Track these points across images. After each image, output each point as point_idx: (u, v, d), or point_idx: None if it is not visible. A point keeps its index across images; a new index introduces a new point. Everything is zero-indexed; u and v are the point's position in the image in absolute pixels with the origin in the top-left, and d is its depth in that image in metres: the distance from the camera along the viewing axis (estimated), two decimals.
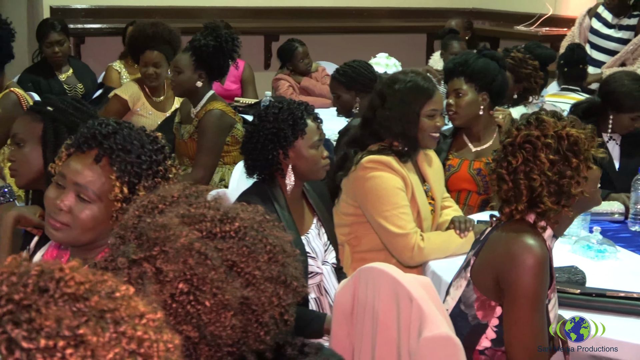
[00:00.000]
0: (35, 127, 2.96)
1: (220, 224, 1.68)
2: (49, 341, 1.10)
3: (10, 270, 1.20)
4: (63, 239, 2.36)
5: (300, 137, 3.44)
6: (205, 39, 5.11)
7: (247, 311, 1.64)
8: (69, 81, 6.86)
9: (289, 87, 7.54)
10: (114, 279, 1.22)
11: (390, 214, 3.69)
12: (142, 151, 2.32)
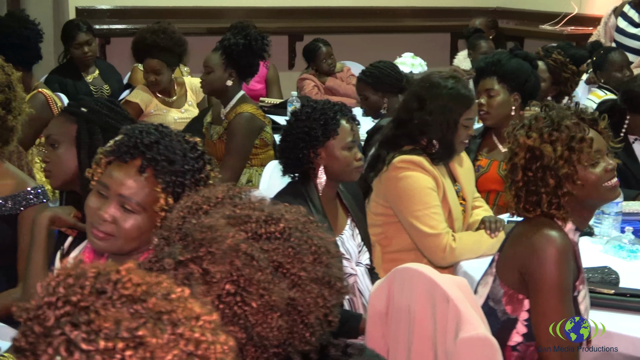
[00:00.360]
0: (69, 129, 2.97)
1: (265, 225, 1.69)
2: (108, 343, 1.10)
3: (66, 272, 1.20)
4: (107, 248, 2.33)
5: (331, 138, 3.45)
6: (235, 38, 5.13)
7: (293, 312, 1.64)
8: (95, 82, 6.88)
9: (313, 87, 7.54)
10: (169, 280, 1.22)
11: (422, 214, 3.68)
12: (185, 160, 2.30)
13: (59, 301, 1.16)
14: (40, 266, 2.84)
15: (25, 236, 3.28)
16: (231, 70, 5.14)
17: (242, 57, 5.12)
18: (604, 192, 2.75)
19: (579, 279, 2.79)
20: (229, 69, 5.14)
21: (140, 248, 2.33)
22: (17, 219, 3.32)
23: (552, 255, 2.65)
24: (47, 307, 1.17)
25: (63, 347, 1.11)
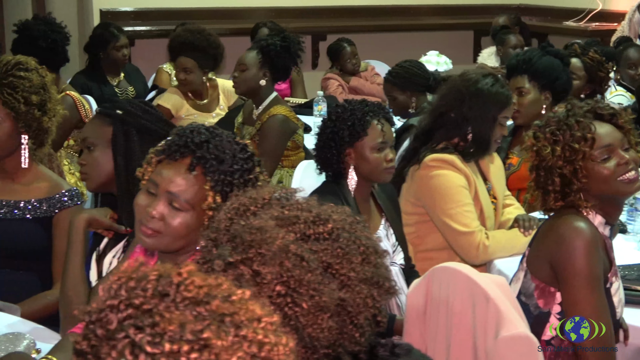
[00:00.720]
0: (105, 131, 2.97)
1: (313, 226, 1.68)
2: (174, 345, 1.10)
3: (127, 274, 1.20)
4: (154, 245, 2.34)
5: (360, 139, 3.45)
6: (273, 39, 5.16)
7: (343, 313, 1.64)
8: (120, 85, 6.91)
9: (338, 86, 7.54)
10: (228, 282, 1.22)
11: (454, 212, 3.68)
12: (235, 160, 2.30)
13: (121, 304, 1.16)
14: (78, 268, 2.85)
15: (60, 238, 3.30)
16: (266, 70, 5.16)
17: (278, 58, 5.15)
18: (619, 186, 2.76)
19: (611, 271, 2.80)
20: (264, 68, 5.16)
21: (188, 247, 2.34)
22: (52, 221, 3.34)
23: (580, 246, 2.67)
24: (110, 310, 1.17)
25: (128, 350, 1.11)
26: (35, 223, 3.33)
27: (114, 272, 1.22)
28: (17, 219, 3.33)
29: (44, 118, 3.33)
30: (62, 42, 5.78)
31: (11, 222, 3.32)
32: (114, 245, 3.02)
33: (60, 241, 3.30)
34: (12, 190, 3.37)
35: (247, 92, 5.37)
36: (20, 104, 3.26)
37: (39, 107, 3.30)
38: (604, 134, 2.76)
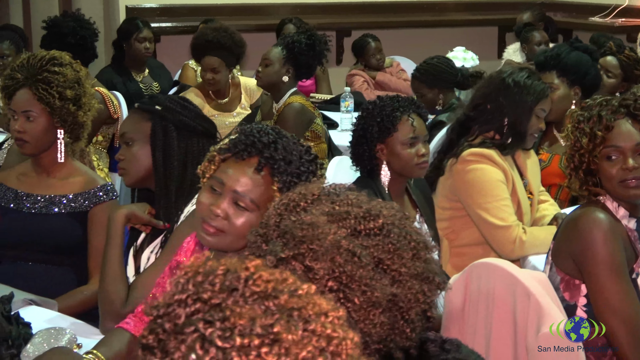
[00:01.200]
0: (143, 126, 2.99)
1: (364, 221, 1.68)
2: (244, 339, 1.10)
3: (194, 269, 1.20)
4: (216, 244, 2.32)
5: (389, 135, 3.45)
6: (299, 36, 5.16)
7: (394, 308, 1.64)
8: (145, 81, 6.93)
9: (363, 82, 7.54)
10: (293, 277, 1.22)
11: (491, 206, 3.68)
12: (301, 162, 2.29)
13: (189, 298, 1.16)
14: (117, 263, 2.86)
15: (95, 233, 3.32)
16: (289, 67, 5.17)
17: (302, 56, 5.16)
18: (619, 189, 2.80)
19: (637, 262, 2.81)
20: (287, 65, 5.17)
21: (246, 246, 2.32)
22: (87, 216, 3.35)
23: (598, 236, 2.70)
24: (178, 304, 1.17)
25: (198, 344, 1.11)
26: (71, 218, 3.34)
27: (181, 267, 1.22)
28: (53, 213, 3.34)
29: (79, 112, 3.34)
30: (91, 38, 5.81)
31: (47, 217, 3.34)
32: (152, 240, 3.03)
33: (95, 236, 3.31)
34: (48, 185, 3.39)
35: (268, 87, 5.38)
36: (55, 99, 3.27)
37: (74, 102, 3.31)
38: (619, 134, 2.78)
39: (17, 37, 6.21)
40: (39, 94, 3.26)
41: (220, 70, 6.06)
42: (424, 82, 5.43)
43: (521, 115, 3.78)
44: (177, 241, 2.76)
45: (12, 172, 3.49)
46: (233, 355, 1.10)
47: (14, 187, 3.40)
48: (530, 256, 3.62)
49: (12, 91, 3.33)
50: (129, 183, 3.05)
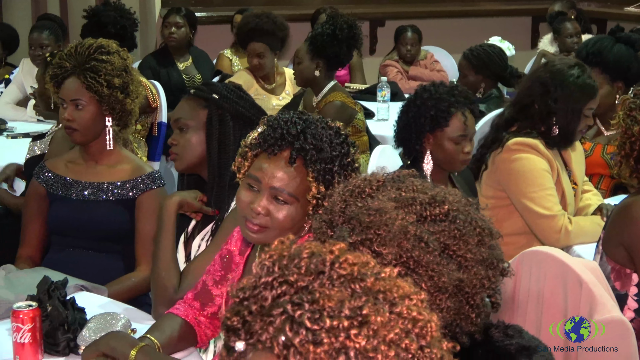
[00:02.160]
0: (199, 114, 3.01)
1: (429, 207, 1.70)
2: (334, 321, 1.12)
3: (279, 252, 1.22)
4: (261, 240, 2.34)
5: (440, 128, 3.46)
6: (322, 28, 5.14)
7: (460, 294, 1.66)
8: (187, 70, 6.96)
9: (397, 72, 7.52)
10: (373, 260, 1.24)
11: (537, 195, 3.67)
12: (332, 147, 2.29)
13: (275, 281, 1.18)
14: (169, 250, 2.89)
15: (143, 221, 3.35)
16: (318, 61, 5.16)
17: (327, 47, 5.13)
18: None
19: None
20: (316, 59, 5.16)
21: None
22: (135, 203, 3.37)
23: None
24: (263, 287, 1.19)
25: (287, 325, 1.13)
26: (119, 205, 3.37)
27: (266, 250, 1.24)
28: (101, 200, 3.37)
29: (127, 100, 3.36)
30: (131, 28, 5.86)
31: (95, 204, 3.37)
32: (202, 228, 3.06)
33: (143, 223, 3.34)
34: (96, 172, 3.42)
35: (304, 84, 5.42)
36: (103, 87, 3.29)
37: (122, 90, 3.34)
38: None
39: (56, 27, 6.26)
40: (87, 83, 3.29)
41: (265, 55, 6.12)
42: (472, 65, 5.40)
43: (570, 116, 3.74)
44: (228, 229, 2.79)
45: (61, 160, 3.52)
46: (323, 337, 1.11)
47: (62, 175, 3.44)
48: (574, 246, 3.61)
49: (60, 80, 3.36)
50: (180, 168, 3.07)
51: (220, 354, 1.26)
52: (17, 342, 2.47)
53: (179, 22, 6.92)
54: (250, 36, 6.15)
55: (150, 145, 5.57)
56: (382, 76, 7.14)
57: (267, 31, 6.12)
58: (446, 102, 3.44)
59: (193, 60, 7.03)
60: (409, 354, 1.14)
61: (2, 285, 2.86)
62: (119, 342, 2.39)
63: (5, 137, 5.57)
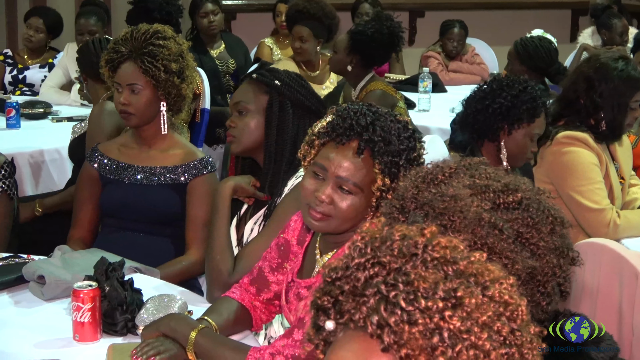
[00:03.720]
0: (260, 99, 3.03)
1: (503, 195, 1.71)
2: (428, 302, 1.14)
3: (371, 234, 1.24)
4: (323, 228, 2.37)
5: (526, 123, 3.49)
6: (365, 27, 5.14)
7: (532, 281, 1.67)
8: (220, 56, 6.97)
9: (438, 64, 7.52)
10: (462, 244, 1.25)
11: (585, 189, 3.67)
12: (400, 140, 2.30)
13: (367, 262, 1.20)
14: (224, 234, 2.92)
15: (194, 205, 3.38)
16: (353, 57, 5.16)
17: (365, 46, 5.12)
18: None
19: None
20: (352, 54, 5.16)
21: (353, 228, 2.35)
22: (187, 188, 3.40)
23: None
24: (356, 267, 1.21)
25: (382, 306, 1.15)
26: (171, 189, 3.41)
27: (358, 232, 1.26)
28: (153, 184, 3.41)
29: (183, 85, 3.39)
30: (176, 14, 5.89)
31: (148, 188, 3.41)
32: (254, 212, 3.09)
33: (193, 208, 3.37)
34: (149, 156, 3.45)
35: (338, 73, 5.43)
36: (160, 72, 3.32)
37: (178, 75, 3.37)
38: None
39: (102, 13, 6.31)
40: (144, 67, 3.32)
41: (308, 40, 6.14)
42: (518, 55, 5.39)
43: (617, 110, 3.73)
44: (283, 215, 2.82)
45: (114, 144, 3.56)
46: (417, 317, 1.13)
47: (115, 158, 3.48)
48: (623, 239, 3.61)
49: (116, 64, 3.39)
50: (236, 151, 3.09)
51: (307, 333, 1.28)
52: (76, 321, 2.51)
53: (215, 10, 6.94)
54: (296, 19, 6.17)
55: (193, 131, 5.60)
56: (423, 67, 7.15)
57: (313, 16, 6.13)
58: (540, 100, 3.49)
59: (226, 47, 7.05)
60: (500, 337, 1.16)
61: (59, 266, 2.89)
62: (179, 323, 2.42)
63: (50, 120, 5.62)
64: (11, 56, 6.78)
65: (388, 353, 1.14)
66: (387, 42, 5.14)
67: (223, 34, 7.19)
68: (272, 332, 2.72)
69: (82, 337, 2.52)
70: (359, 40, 5.08)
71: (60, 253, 3.01)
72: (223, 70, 6.88)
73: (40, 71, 6.67)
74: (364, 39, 5.08)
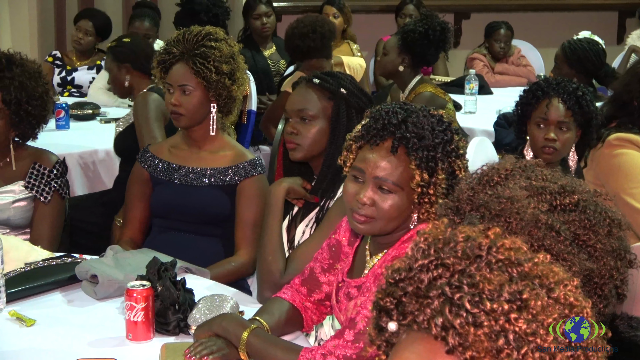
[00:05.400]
0: (325, 107, 3.05)
1: (559, 197, 1.71)
2: (494, 304, 1.14)
3: (434, 235, 1.25)
4: (368, 230, 2.38)
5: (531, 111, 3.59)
6: (415, 25, 5.13)
7: (589, 284, 1.66)
8: (272, 57, 7.01)
9: (483, 66, 7.50)
10: (525, 245, 1.25)
11: (637, 192, 3.64)
12: (434, 134, 2.31)
13: (431, 264, 1.21)
14: (277, 235, 2.94)
15: (243, 206, 3.39)
16: (404, 56, 5.14)
17: (417, 45, 5.10)
18: None
19: None
20: (403, 54, 5.14)
21: (400, 226, 2.36)
22: (236, 189, 3.42)
23: None
24: (419, 269, 1.21)
25: (447, 307, 1.15)
26: (220, 190, 3.43)
27: (420, 234, 1.27)
28: (203, 185, 3.43)
29: (233, 87, 3.41)
30: (223, 16, 5.93)
31: (198, 189, 3.43)
32: (305, 214, 3.10)
33: (243, 209, 3.39)
34: (199, 157, 3.48)
35: (387, 75, 5.40)
36: (212, 74, 3.34)
37: (229, 76, 3.39)
38: None
39: (155, 15, 6.35)
40: (196, 68, 3.34)
41: (324, 67, 6.01)
42: (567, 58, 5.35)
43: None
44: (335, 218, 2.83)
45: (164, 145, 3.59)
46: (483, 319, 1.13)
47: (165, 159, 3.50)
48: None
49: (168, 65, 3.42)
50: (296, 157, 3.09)
51: (369, 334, 1.29)
52: (129, 320, 2.53)
53: (268, 12, 6.98)
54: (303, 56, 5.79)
55: (239, 132, 5.63)
56: (469, 69, 7.13)
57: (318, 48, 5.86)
58: (540, 88, 3.53)
59: (277, 48, 7.07)
60: (566, 339, 1.15)
61: (111, 265, 2.92)
62: (231, 323, 2.44)
63: (99, 121, 5.68)
64: (60, 58, 6.86)
65: (452, 355, 1.14)
66: (439, 39, 5.13)
67: (274, 37, 7.23)
68: (323, 334, 2.73)
69: (135, 336, 2.54)
70: (411, 39, 5.08)
71: (112, 253, 3.04)
72: (274, 71, 6.92)
73: (89, 73, 6.74)
74: (416, 37, 5.07)
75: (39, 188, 3.45)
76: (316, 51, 5.60)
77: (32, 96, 3.39)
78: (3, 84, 3.36)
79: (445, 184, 2.27)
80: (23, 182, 3.45)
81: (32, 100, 3.39)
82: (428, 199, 2.28)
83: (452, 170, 2.31)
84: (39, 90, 3.42)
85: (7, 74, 3.37)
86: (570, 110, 3.52)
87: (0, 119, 3.38)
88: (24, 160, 3.49)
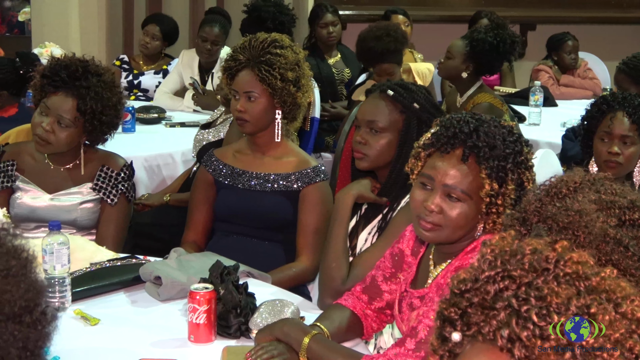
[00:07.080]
0: (396, 120, 3.05)
1: (629, 212, 1.70)
2: (561, 318, 1.14)
3: (500, 247, 1.25)
4: (434, 238, 2.37)
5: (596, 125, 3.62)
6: (486, 34, 5.09)
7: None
8: (337, 65, 7.02)
9: (549, 77, 7.44)
10: (592, 259, 1.25)
11: None
12: (505, 144, 2.30)
13: (497, 275, 1.20)
14: (342, 242, 2.95)
15: (306, 212, 3.41)
16: (469, 64, 5.11)
17: (484, 55, 5.07)
18: None
19: None
20: (469, 61, 5.11)
21: (466, 235, 2.36)
22: (299, 195, 3.44)
23: None
24: (486, 280, 1.21)
25: (514, 320, 1.15)
26: (283, 196, 3.45)
27: (486, 245, 1.27)
28: (267, 191, 3.45)
29: (298, 94, 3.43)
30: (289, 24, 5.96)
31: (262, 194, 3.45)
32: (368, 222, 3.10)
33: (306, 215, 3.41)
34: (262, 163, 3.50)
35: (448, 79, 5.39)
36: (277, 80, 3.37)
37: (294, 83, 3.41)
38: None
39: (225, 22, 6.37)
40: (261, 75, 3.37)
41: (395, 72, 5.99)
42: (629, 76, 5.29)
43: None
44: (398, 226, 2.83)
45: (229, 150, 3.63)
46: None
47: (230, 164, 3.54)
48: None
49: (234, 72, 3.45)
50: (363, 167, 3.10)
51: (432, 344, 1.29)
52: (192, 322, 2.56)
53: (335, 21, 7.00)
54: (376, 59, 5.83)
55: (302, 139, 5.65)
56: (534, 80, 7.07)
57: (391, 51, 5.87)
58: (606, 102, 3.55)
59: (342, 56, 7.09)
60: (632, 354, 1.15)
61: (175, 267, 2.96)
62: (293, 328, 2.45)
63: (164, 125, 5.74)
64: (127, 62, 6.95)
65: None
66: (509, 51, 5.11)
67: (339, 45, 7.25)
68: (382, 343, 2.73)
69: (197, 338, 2.57)
70: (480, 48, 5.05)
71: (175, 255, 3.08)
72: (338, 79, 6.94)
73: (155, 77, 6.81)
74: (485, 47, 5.04)
75: (106, 190, 3.50)
76: (389, 54, 5.64)
77: (107, 106, 3.43)
78: (79, 93, 3.39)
79: (514, 195, 2.26)
80: (91, 184, 3.51)
81: (107, 110, 3.43)
82: (496, 209, 2.27)
83: (521, 182, 2.29)
84: (114, 100, 3.46)
85: (83, 82, 3.40)
86: (635, 124, 3.50)
87: (74, 127, 3.42)
88: (93, 162, 3.54)
